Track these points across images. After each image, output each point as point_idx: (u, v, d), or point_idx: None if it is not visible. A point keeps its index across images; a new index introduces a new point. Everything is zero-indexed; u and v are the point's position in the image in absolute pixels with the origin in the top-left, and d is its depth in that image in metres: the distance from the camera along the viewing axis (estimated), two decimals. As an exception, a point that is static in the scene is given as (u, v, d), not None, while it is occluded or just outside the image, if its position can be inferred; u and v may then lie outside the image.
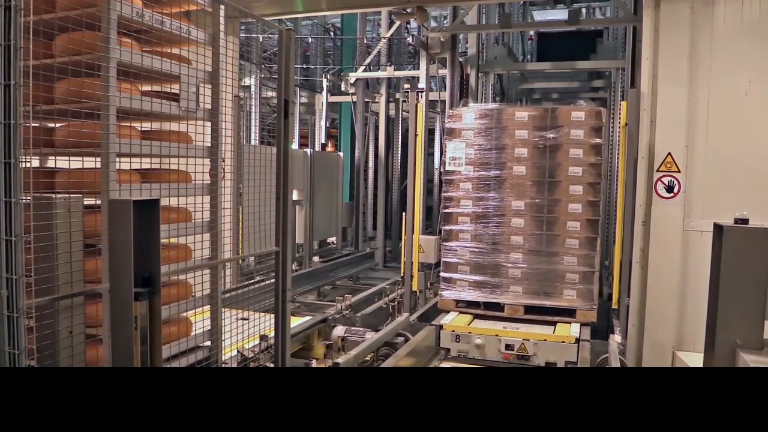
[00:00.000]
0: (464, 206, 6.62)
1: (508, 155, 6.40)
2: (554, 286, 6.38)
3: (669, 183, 6.02)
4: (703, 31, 6.02)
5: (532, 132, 6.31)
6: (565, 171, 6.25)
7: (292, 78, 4.31)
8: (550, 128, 6.28)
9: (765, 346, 3.07)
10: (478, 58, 10.14)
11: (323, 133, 13.38)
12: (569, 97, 13.92)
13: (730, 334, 3.07)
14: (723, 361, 3.06)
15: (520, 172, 6.38)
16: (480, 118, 6.50)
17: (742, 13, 5.98)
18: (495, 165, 6.45)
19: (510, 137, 6.39)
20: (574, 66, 10.04)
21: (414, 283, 7.27)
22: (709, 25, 6.02)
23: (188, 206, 3.65)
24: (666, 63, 6.15)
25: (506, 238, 6.46)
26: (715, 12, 6.02)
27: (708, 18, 6.02)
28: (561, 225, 6.34)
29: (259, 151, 5.60)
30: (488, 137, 6.45)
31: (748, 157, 5.88)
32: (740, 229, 3.11)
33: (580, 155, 6.22)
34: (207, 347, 3.81)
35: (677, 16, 6.09)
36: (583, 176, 6.22)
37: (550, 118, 6.28)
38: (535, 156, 6.33)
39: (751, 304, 3.05)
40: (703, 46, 6.02)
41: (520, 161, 6.37)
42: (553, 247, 6.36)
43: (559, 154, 6.26)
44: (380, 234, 12.60)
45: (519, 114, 6.37)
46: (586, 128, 6.20)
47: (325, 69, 14.41)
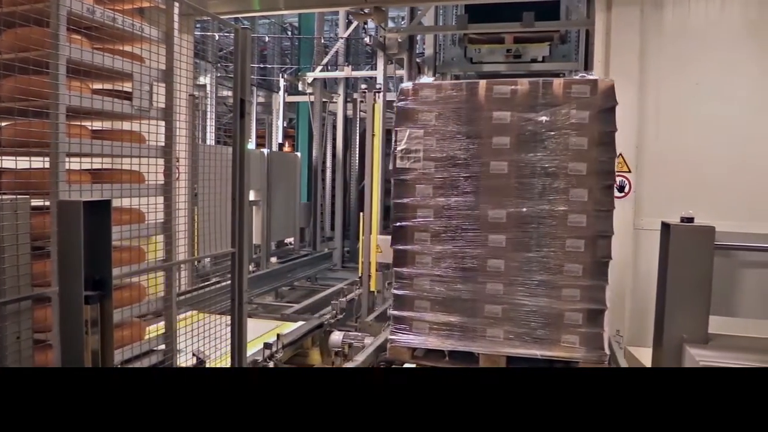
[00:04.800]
0: (422, 217, 4.74)
1: (484, 147, 4.59)
2: (549, 329, 4.55)
3: (620, 183, 6.16)
4: (653, 35, 6.19)
5: (516, 114, 4.51)
6: (564, 168, 4.47)
7: (249, 77, 4.27)
8: (541, 108, 4.49)
9: (710, 340, 3.18)
10: (435, 59, 10.21)
11: (280, 133, 13.29)
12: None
13: (677, 329, 3.17)
14: (670, 356, 3.16)
15: (499, 169, 4.57)
16: (444, 96, 4.68)
17: (689, 17, 6.18)
18: (465, 160, 4.66)
19: (486, 122, 4.56)
20: (530, 68, 10.19)
21: (372, 283, 7.28)
22: (658, 28, 6.19)
23: (141, 207, 3.58)
24: (617, 65, 6.30)
25: (481, 262, 4.63)
26: (664, 16, 6.20)
27: (657, 21, 6.20)
28: (558, 243, 4.52)
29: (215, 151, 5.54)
30: (456, 122, 4.65)
31: (695, 157, 6.08)
32: (686, 227, 3.21)
33: (584, 146, 4.43)
34: (162, 351, 3.74)
35: (628, 20, 6.25)
36: (588, 176, 4.44)
37: (542, 95, 4.49)
38: (520, 147, 4.53)
39: (697, 300, 3.16)
40: (652, 48, 6.20)
41: (501, 155, 4.57)
42: (547, 274, 4.52)
43: (555, 144, 4.53)
44: (338, 234, 12.58)
45: (499, 89, 4.56)
46: (592, 109, 4.43)
47: (283, 68, 14.31)
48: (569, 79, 4.56)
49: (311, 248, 12.63)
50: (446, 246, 4.72)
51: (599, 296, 4.41)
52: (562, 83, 4.48)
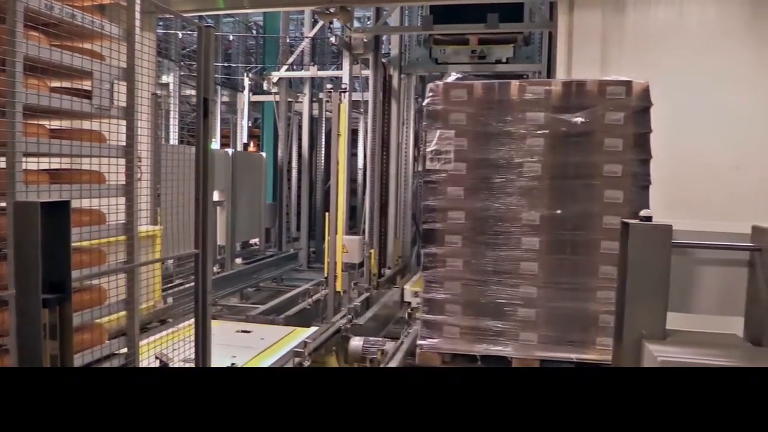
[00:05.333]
0: (454, 220, 4.65)
1: (517, 148, 4.54)
2: (583, 332, 4.53)
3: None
4: (614, 38, 6.32)
5: (550, 115, 4.48)
6: (599, 170, 4.45)
7: (212, 76, 4.23)
8: (575, 109, 4.44)
9: (668, 336, 3.26)
10: (401, 60, 10.25)
11: (245, 133, 13.17)
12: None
13: (636, 326, 3.24)
14: (630, 352, 3.23)
15: (533, 171, 4.51)
16: (475, 96, 4.62)
17: (649, 21, 6.32)
18: (497, 162, 4.59)
19: (519, 122, 4.54)
20: (494, 69, 10.29)
21: (338, 283, 7.27)
22: (620, 31, 6.32)
23: (102, 208, 3.51)
24: (579, 67, 6.41)
25: (514, 264, 4.58)
26: (625, 20, 6.33)
27: (618, 25, 6.32)
28: (593, 246, 4.50)
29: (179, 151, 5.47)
30: (488, 122, 4.56)
31: (656, 158, 6.21)
32: (644, 225, 3.28)
33: (619, 147, 4.43)
34: (123, 354, 3.68)
35: (589, 23, 6.37)
36: (623, 178, 4.44)
37: (576, 96, 4.47)
38: (555, 149, 4.49)
39: (655, 296, 3.23)
40: (613, 51, 6.33)
41: (534, 156, 4.52)
42: (582, 277, 4.52)
43: (590, 145, 4.48)
44: (304, 235, 12.53)
45: (533, 89, 4.52)
46: (627, 110, 4.43)
47: (248, 68, 14.19)
48: (604, 80, 4.52)
49: (277, 249, 12.56)
50: (478, 249, 4.65)
51: None
52: (596, 84, 4.46)
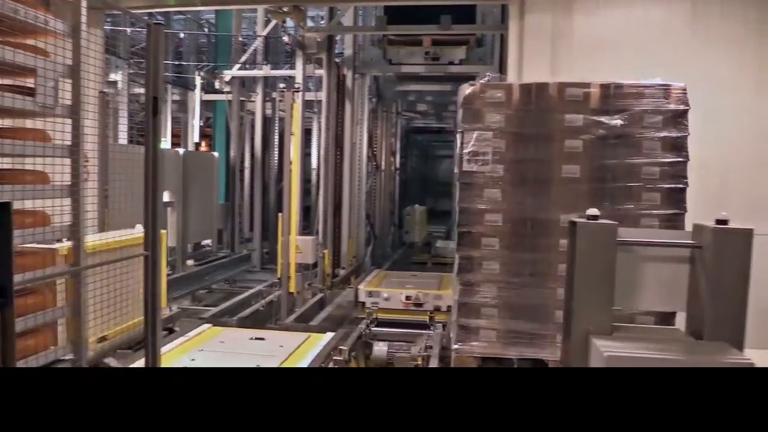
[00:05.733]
0: (491, 222, 4.59)
1: (556, 150, 4.50)
2: None
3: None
4: (563, 41, 6.45)
5: (589, 117, 4.48)
6: (637, 172, 4.48)
7: (162, 75, 4.15)
8: (614, 111, 4.47)
9: (614, 331, 3.36)
10: (354, 60, 10.25)
11: (197, 133, 12.97)
12: (443, 100, 14.42)
13: (584, 322, 3.32)
14: (578, 347, 3.32)
15: (571, 173, 4.50)
16: (513, 97, 4.58)
17: (598, 25, 6.47)
18: (535, 163, 4.55)
19: (558, 124, 4.50)
20: (447, 70, 10.39)
21: (291, 284, 7.22)
22: (569, 35, 6.45)
23: (47, 209, 3.42)
24: (530, 69, 6.52)
25: (552, 266, 4.51)
26: (574, 24, 6.46)
27: (568, 29, 6.45)
28: None
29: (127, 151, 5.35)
30: (526, 124, 4.54)
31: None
32: (591, 224, 3.37)
33: (657, 150, 4.47)
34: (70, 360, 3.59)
35: (540, 27, 6.48)
36: (661, 180, 4.47)
37: (614, 98, 4.50)
38: (593, 151, 4.49)
39: (601, 293, 3.32)
40: (563, 54, 6.45)
41: (573, 158, 4.50)
42: None
43: (628, 148, 4.49)
44: (257, 235, 12.41)
45: (571, 91, 4.51)
46: (665, 113, 4.48)
47: (199, 66, 13.97)
48: (642, 83, 4.51)
49: (229, 250, 12.40)
50: (515, 251, 4.57)
51: None
52: (634, 87, 4.47)
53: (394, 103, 14.11)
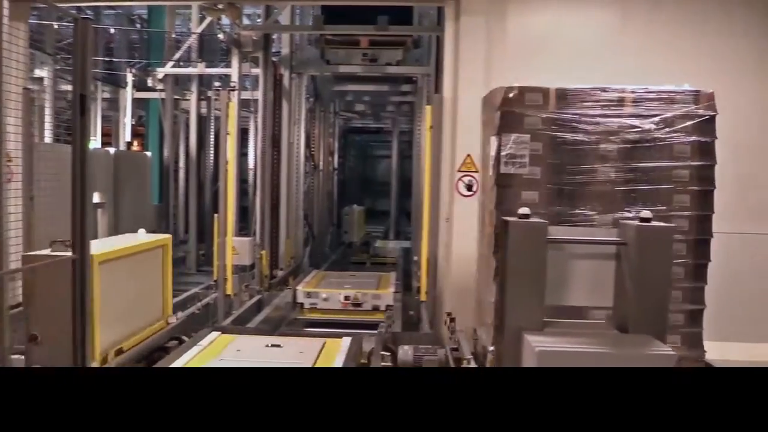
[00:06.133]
0: None
1: (591, 153, 4.65)
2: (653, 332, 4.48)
3: (468, 182, 6.50)
4: (497, 44, 6.58)
5: (623, 121, 4.65)
6: (668, 175, 4.64)
7: (90, 71, 4.02)
8: (647, 117, 4.65)
9: (546, 327, 3.46)
10: (291, 59, 10.18)
11: (128, 132, 12.59)
12: (381, 100, 14.50)
13: (516, 318, 3.42)
14: (510, 343, 3.41)
15: (606, 175, 4.65)
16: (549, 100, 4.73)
17: (529, 28, 6.64)
18: (572, 166, 4.66)
19: (593, 128, 4.66)
20: (384, 70, 10.45)
21: (228, 286, 7.11)
22: (503, 37, 6.59)
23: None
24: (465, 71, 6.63)
25: None
26: (508, 26, 6.60)
27: (501, 31, 6.59)
28: None
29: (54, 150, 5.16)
30: (563, 127, 4.66)
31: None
32: (522, 223, 3.47)
33: (687, 154, 4.65)
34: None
35: (474, 29, 6.60)
36: (690, 182, 4.65)
37: (647, 102, 4.71)
38: (627, 154, 4.65)
39: (533, 290, 3.42)
40: (497, 56, 6.59)
41: (608, 161, 4.65)
42: None
43: (660, 151, 4.65)
44: (193, 237, 12.15)
45: (606, 95, 4.71)
46: (694, 118, 4.66)
47: (131, 63, 13.56)
48: (673, 89, 4.66)
49: (164, 252, 12.09)
50: None
51: (699, 297, 4.60)
52: (666, 93, 4.62)
53: (331, 103, 14.09)
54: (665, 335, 3.58)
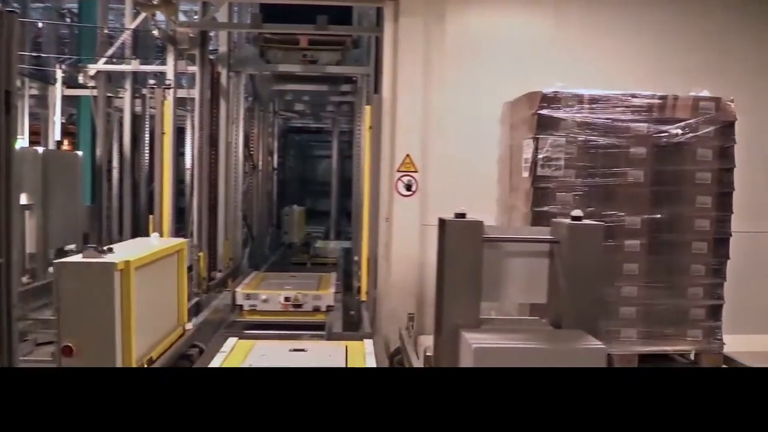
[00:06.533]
0: None
1: (622, 156, 4.86)
2: (675, 326, 4.99)
3: (408, 182, 6.56)
4: (436, 45, 6.66)
5: (652, 126, 4.87)
6: (692, 178, 4.91)
7: (15, 66, 3.86)
8: (673, 122, 4.88)
9: (482, 324, 3.53)
10: (229, 57, 10.02)
11: (58, 130, 12.11)
12: (321, 100, 14.44)
13: (454, 316, 3.48)
14: (449, 341, 3.46)
15: (636, 178, 4.86)
16: (584, 105, 4.91)
17: (467, 30, 6.75)
18: (604, 169, 4.87)
19: (624, 132, 4.87)
20: (324, 70, 10.42)
21: (165, 288, 6.94)
22: (441, 40, 6.68)
23: None
24: (404, 72, 6.68)
25: (617, 266, 4.86)
26: (445, 29, 6.69)
27: (439, 34, 6.67)
28: (685, 246, 4.98)
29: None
30: (596, 131, 4.85)
31: (473, 158, 6.66)
32: (459, 222, 3.53)
33: (708, 157, 4.91)
34: None
35: (413, 30, 6.66)
36: (712, 184, 4.91)
37: (672, 108, 4.93)
38: (655, 157, 4.88)
39: (470, 288, 3.49)
40: (435, 57, 6.67)
41: (637, 164, 4.86)
42: (676, 275, 4.98)
43: (685, 155, 4.91)
44: (127, 239, 11.80)
45: (636, 101, 4.90)
46: (716, 123, 4.90)
47: (61, 59, 13.05)
48: (697, 96, 4.86)
49: (97, 254, 11.69)
50: None
51: (719, 293, 4.90)
52: (690, 100, 4.86)
53: (271, 102, 13.94)
54: (597, 329, 3.71)
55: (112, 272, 3.81)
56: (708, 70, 6.44)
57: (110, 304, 3.83)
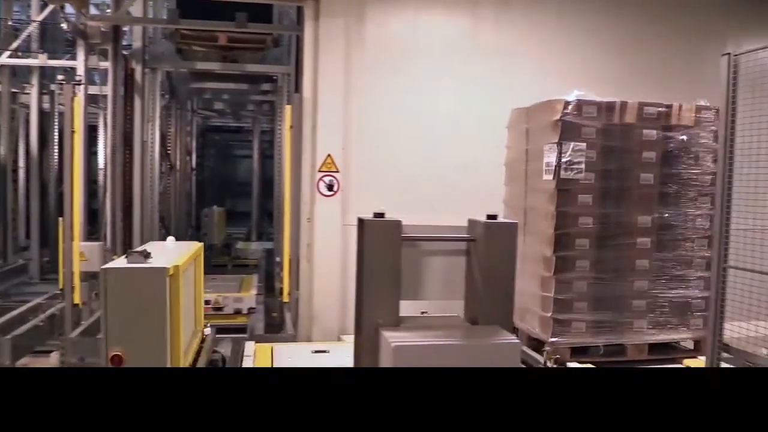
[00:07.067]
0: (583, 225, 5.19)
1: (635, 160, 5.25)
2: (681, 316, 5.42)
3: (329, 182, 6.56)
4: (357, 45, 6.70)
5: (661, 133, 5.27)
6: (695, 180, 5.36)
7: None
8: (680, 128, 5.31)
9: (401, 322, 3.57)
10: (144, 53, 9.68)
11: (-44, 127, 11.38)
12: (241, 99, 14.20)
13: (373, 315, 3.50)
14: (369, 340, 3.48)
15: (647, 180, 5.27)
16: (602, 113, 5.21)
17: (387, 31, 6.81)
18: (619, 172, 5.25)
19: (637, 137, 5.25)
20: (244, 68, 10.25)
21: (75, 295, 6.64)
22: (362, 40, 6.71)
23: None
24: (325, 71, 6.68)
25: (630, 262, 5.29)
26: (366, 29, 6.74)
27: (360, 34, 6.71)
28: (689, 242, 5.41)
29: None
30: (612, 137, 5.21)
31: (394, 158, 6.73)
32: (377, 221, 3.56)
33: (708, 162, 5.32)
34: None
35: (334, 30, 6.67)
36: (711, 186, 5.26)
37: (679, 117, 5.34)
38: (663, 161, 5.30)
39: (389, 287, 3.52)
40: (356, 57, 6.70)
41: (648, 168, 5.27)
42: (681, 269, 5.41)
43: (689, 160, 5.33)
44: (35, 243, 11.20)
45: (648, 110, 5.26)
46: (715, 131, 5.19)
47: (-41, 52, 12.25)
48: (700, 105, 5.27)
49: (1, 260, 11.08)
50: (602, 250, 5.20)
51: None
52: (693, 109, 5.29)
53: (188, 100, 13.58)
54: (512, 325, 3.82)
55: (165, 277, 3.65)
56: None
57: (162, 310, 3.66)
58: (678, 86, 6.67)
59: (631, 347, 5.30)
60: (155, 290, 3.65)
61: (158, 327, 3.67)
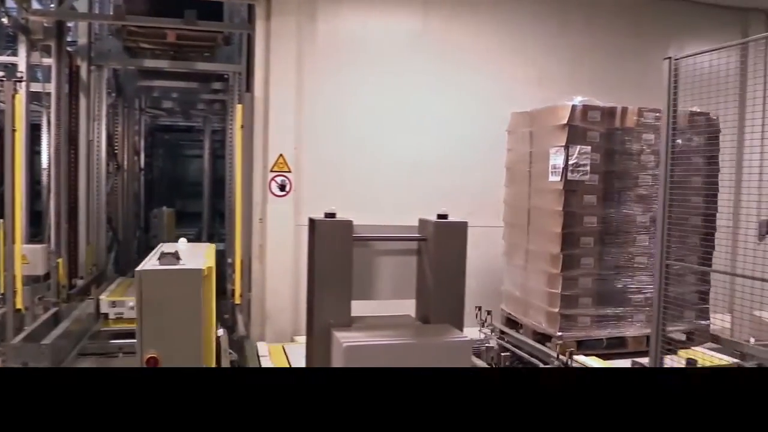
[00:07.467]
0: (588, 224, 5.45)
1: (635, 162, 5.52)
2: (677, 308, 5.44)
3: (281, 182, 6.52)
4: (308, 44, 6.67)
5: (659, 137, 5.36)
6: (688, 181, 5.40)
7: None
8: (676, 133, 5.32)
9: (353, 323, 3.58)
10: (90, 50, 9.43)
11: None
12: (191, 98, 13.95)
13: (325, 316, 3.50)
14: (320, 340, 3.48)
15: (646, 182, 5.56)
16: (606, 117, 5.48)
17: (338, 30, 6.81)
18: (621, 173, 5.51)
19: (637, 141, 5.52)
20: (193, 66, 10.08)
21: (17, 300, 6.41)
22: (313, 39, 6.70)
23: None
24: (277, 71, 6.64)
25: (631, 259, 5.57)
26: (318, 28, 6.72)
27: (312, 33, 6.69)
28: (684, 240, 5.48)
29: None
30: (614, 140, 5.47)
31: (347, 157, 6.73)
32: (328, 221, 3.55)
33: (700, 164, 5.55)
34: None
35: (285, 29, 6.63)
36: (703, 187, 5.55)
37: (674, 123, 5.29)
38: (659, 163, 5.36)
39: (340, 287, 3.53)
40: (308, 57, 6.68)
41: (647, 169, 5.56)
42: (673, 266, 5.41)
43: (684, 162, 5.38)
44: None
45: (648, 115, 5.52)
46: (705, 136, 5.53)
47: None
48: (694, 111, 5.38)
49: (-62, 263, 10.60)
50: (605, 248, 5.47)
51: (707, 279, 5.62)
52: (688, 114, 5.40)
53: (137, 99, 13.26)
54: (462, 323, 3.87)
55: (200, 279, 3.58)
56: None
57: (197, 311, 3.59)
58: (622, 90, 6.87)
59: (631, 339, 5.55)
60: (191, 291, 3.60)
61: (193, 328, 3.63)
